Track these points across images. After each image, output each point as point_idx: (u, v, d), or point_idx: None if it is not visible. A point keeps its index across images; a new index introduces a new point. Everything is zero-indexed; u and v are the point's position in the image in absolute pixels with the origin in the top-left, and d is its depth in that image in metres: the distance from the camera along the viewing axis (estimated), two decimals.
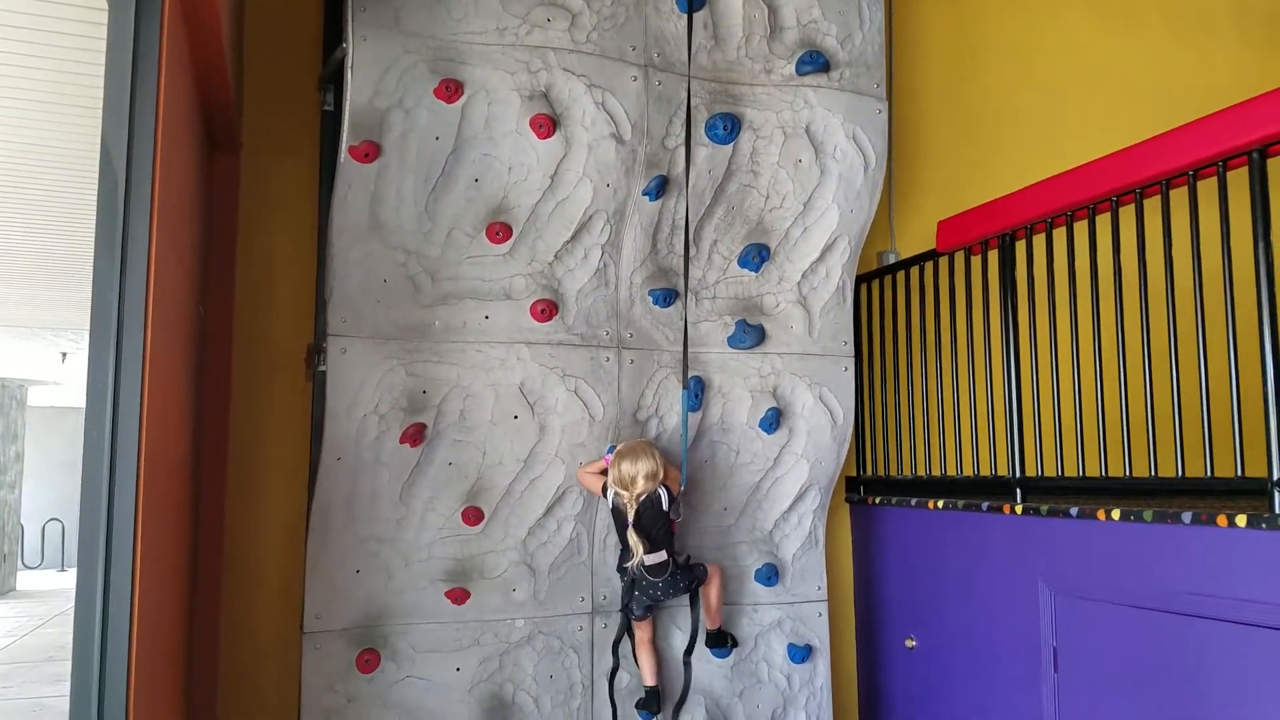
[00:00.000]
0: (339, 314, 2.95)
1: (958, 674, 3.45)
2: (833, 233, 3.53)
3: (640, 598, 3.15)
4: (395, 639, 3.03)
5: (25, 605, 11.69)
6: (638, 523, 3.04)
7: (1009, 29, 4.67)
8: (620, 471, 3.03)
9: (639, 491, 3.02)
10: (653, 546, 3.06)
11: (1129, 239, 2.80)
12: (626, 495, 3.03)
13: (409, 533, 3.05)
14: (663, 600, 3.21)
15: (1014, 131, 4.55)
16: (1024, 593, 3.08)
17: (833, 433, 3.57)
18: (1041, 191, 3.11)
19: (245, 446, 3.35)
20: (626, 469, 3.03)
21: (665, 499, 3.08)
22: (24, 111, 3.03)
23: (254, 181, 3.41)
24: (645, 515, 3.05)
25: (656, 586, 3.11)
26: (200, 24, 2.32)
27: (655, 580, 3.10)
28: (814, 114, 3.48)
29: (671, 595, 3.18)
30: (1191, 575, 2.50)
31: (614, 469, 3.05)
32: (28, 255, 4.96)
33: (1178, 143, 2.66)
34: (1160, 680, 2.59)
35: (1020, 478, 3.16)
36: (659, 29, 3.29)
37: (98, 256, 1.86)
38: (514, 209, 3.13)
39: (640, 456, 3.04)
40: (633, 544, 3.05)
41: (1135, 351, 2.74)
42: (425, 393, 3.04)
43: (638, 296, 3.33)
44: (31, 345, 8.90)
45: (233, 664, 3.27)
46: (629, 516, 3.04)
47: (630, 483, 3.02)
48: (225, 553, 3.30)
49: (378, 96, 2.91)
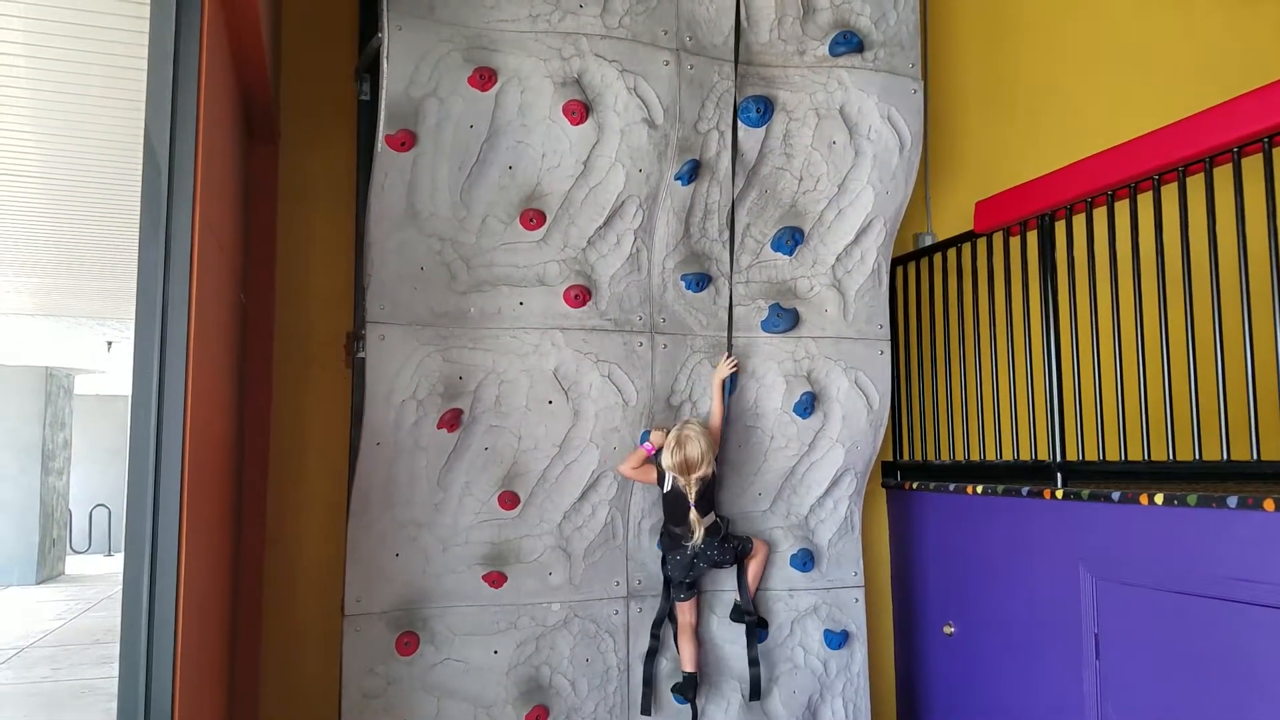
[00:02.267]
0: (377, 301, 2.99)
1: (997, 661, 3.42)
2: (867, 215, 3.50)
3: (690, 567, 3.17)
4: (434, 622, 3.07)
5: (74, 589, 12.02)
6: (699, 503, 3.10)
7: (1043, 5, 4.58)
8: (685, 457, 3.07)
9: (700, 474, 3.07)
10: (704, 512, 3.13)
11: (1171, 218, 2.74)
12: (687, 479, 3.08)
13: (447, 517, 3.09)
14: (710, 567, 3.23)
15: (1051, 110, 4.46)
16: (1065, 578, 3.04)
17: (868, 417, 3.54)
18: (1081, 170, 3.06)
19: (286, 432, 3.41)
20: (691, 455, 3.07)
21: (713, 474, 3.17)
22: (69, 104, 3.10)
23: (292, 172, 3.46)
24: (702, 496, 3.12)
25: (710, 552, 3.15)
26: (239, 17, 2.35)
27: (711, 541, 3.15)
28: (848, 95, 3.44)
29: (719, 563, 3.21)
30: (1236, 560, 2.46)
31: (672, 456, 3.08)
32: (72, 245, 5.07)
33: (1221, 119, 2.59)
34: (1203, 667, 2.55)
35: (1061, 462, 3.12)
36: (690, 13, 3.27)
37: (142, 246, 1.90)
38: (547, 195, 3.14)
39: (695, 440, 3.09)
40: (694, 524, 3.10)
41: (1178, 333, 2.69)
42: (461, 378, 3.07)
43: (670, 281, 3.33)
44: (77, 334, 9.10)
45: (275, 646, 3.34)
46: (691, 499, 3.09)
47: (694, 467, 3.07)
48: (268, 536, 3.36)
49: (413, 86, 2.92)
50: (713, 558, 3.19)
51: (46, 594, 11.59)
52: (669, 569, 3.24)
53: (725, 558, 3.22)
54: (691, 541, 3.13)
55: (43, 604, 10.77)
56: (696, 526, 3.10)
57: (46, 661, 7.80)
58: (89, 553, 15.88)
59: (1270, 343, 2.42)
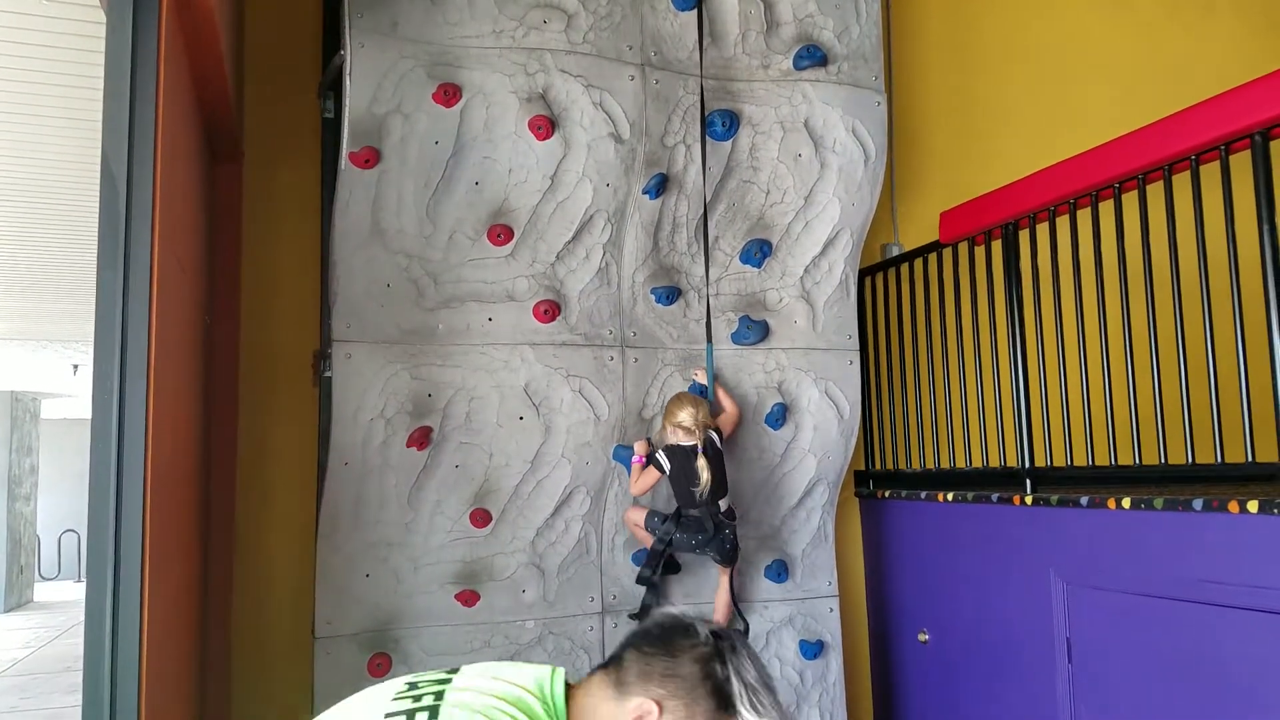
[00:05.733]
0: (343, 319, 2.96)
1: (971, 667, 3.44)
2: (834, 226, 3.52)
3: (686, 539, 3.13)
4: (406, 642, 3.04)
5: (43, 616, 11.78)
6: (705, 451, 3.10)
7: (1005, 17, 4.65)
8: (689, 414, 3.10)
9: (703, 423, 3.12)
10: (718, 488, 3.13)
11: (1132, 225, 2.78)
12: (693, 426, 3.10)
13: (418, 536, 3.06)
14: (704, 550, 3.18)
15: (1014, 120, 4.52)
16: (1036, 584, 3.06)
17: (839, 427, 3.56)
18: (1043, 180, 3.10)
19: (254, 453, 3.37)
20: (691, 410, 3.12)
21: (718, 438, 3.19)
22: (29, 125, 3.06)
23: (257, 190, 3.43)
24: (709, 451, 3.12)
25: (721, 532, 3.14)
26: (198, 35, 2.33)
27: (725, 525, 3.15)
28: (813, 108, 3.47)
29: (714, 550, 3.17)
30: (1204, 563, 2.49)
31: (674, 417, 3.12)
32: (36, 268, 5.00)
33: (1179, 127, 2.64)
34: (1174, 669, 2.57)
35: (1030, 468, 3.14)
36: (655, 28, 3.29)
37: (100, 268, 1.88)
38: (515, 211, 3.13)
39: (689, 398, 3.17)
40: (700, 469, 3.08)
41: (1142, 338, 2.73)
42: (430, 396, 3.05)
43: (640, 295, 3.33)
44: (43, 358, 8.96)
45: (245, 670, 3.29)
46: (699, 445, 3.09)
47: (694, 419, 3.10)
48: (236, 559, 3.31)
49: (376, 102, 2.91)
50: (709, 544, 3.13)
51: (14, 621, 11.35)
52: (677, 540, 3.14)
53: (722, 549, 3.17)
54: (699, 487, 3.07)
55: (11, 632, 10.55)
56: (703, 471, 3.07)
57: (15, 691, 7.63)
58: (58, 579, 15.57)
59: (1231, 346, 2.46)
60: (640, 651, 1.39)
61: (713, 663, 1.35)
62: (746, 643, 1.43)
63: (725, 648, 1.37)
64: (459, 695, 1.32)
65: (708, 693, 1.34)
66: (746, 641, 1.45)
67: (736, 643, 1.39)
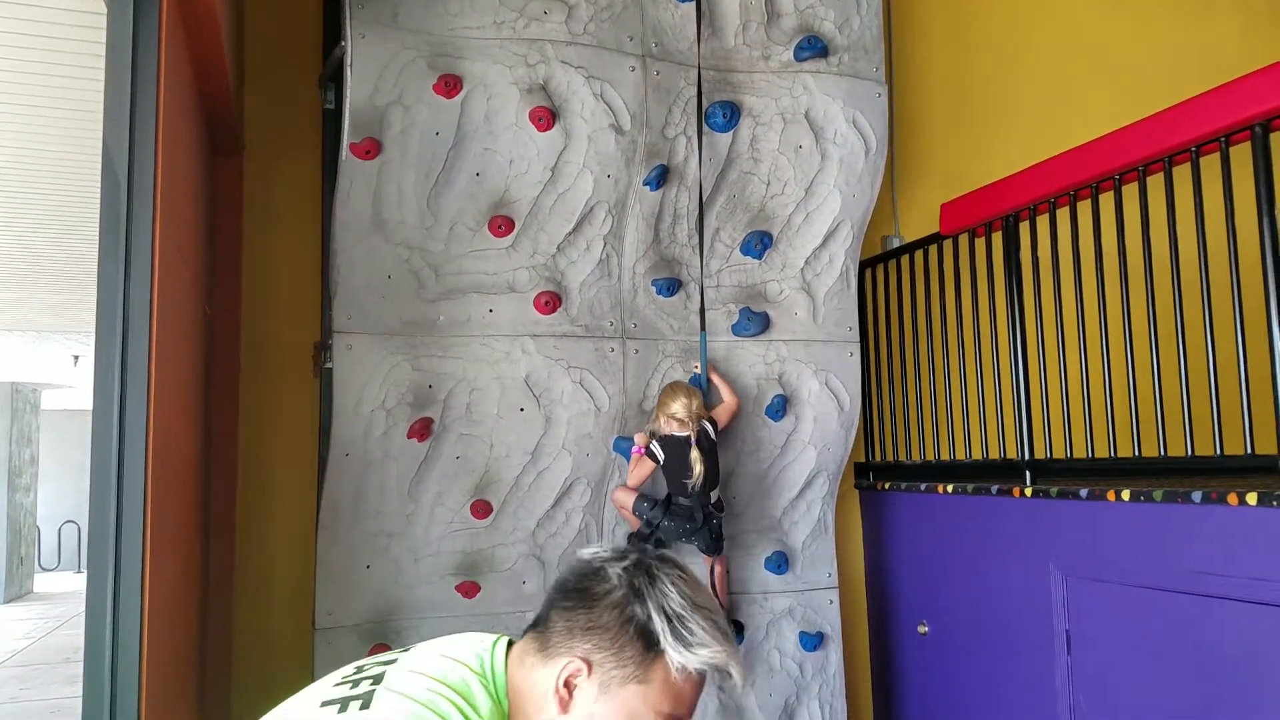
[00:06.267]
0: (344, 311, 2.96)
1: (970, 659, 3.45)
2: (835, 218, 3.52)
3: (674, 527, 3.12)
4: (407, 633, 3.05)
5: (43, 607, 11.81)
6: (699, 443, 3.10)
7: (1006, 9, 4.64)
8: (682, 405, 3.11)
9: (696, 411, 3.12)
10: (711, 479, 3.14)
11: (1133, 217, 2.78)
12: (686, 417, 3.10)
13: (418, 527, 3.07)
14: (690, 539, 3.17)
15: (1015, 111, 4.52)
16: (1035, 576, 3.07)
17: (840, 419, 3.56)
18: (1044, 171, 3.10)
19: (255, 444, 3.37)
20: (685, 400, 3.12)
21: (713, 430, 3.20)
22: (31, 116, 3.06)
23: (258, 182, 3.42)
24: (704, 443, 3.13)
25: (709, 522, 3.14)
26: (199, 27, 2.33)
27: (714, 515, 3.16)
28: (813, 100, 3.46)
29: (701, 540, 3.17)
30: (1203, 555, 2.49)
31: (667, 409, 3.13)
32: (37, 259, 5.00)
33: (1180, 119, 2.64)
34: (1173, 661, 2.58)
35: (1029, 460, 3.15)
36: (656, 19, 3.28)
37: (101, 260, 1.88)
38: (515, 202, 3.13)
39: (683, 389, 3.17)
40: (693, 461, 3.07)
41: (1141, 330, 2.73)
42: (431, 387, 3.05)
43: (641, 286, 3.33)
44: (43, 349, 8.96)
45: (246, 661, 3.29)
46: (692, 437, 3.09)
47: (687, 411, 3.10)
48: (237, 550, 3.32)
49: (377, 94, 2.91)
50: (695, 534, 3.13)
51: (15, 612, 11.38)
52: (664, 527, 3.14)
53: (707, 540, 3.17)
54: (692, 479, 3.08)
55: (11, 623, 10.57)
56: (696, 464, 3.07)
57: (15, 681, 7.65)
58: (58, 570, 15.61)
59: (1231, 338, 2.46)
60: (560, 608, 1.27)
61: (631, 604, 1.22)
62: (669, 565, 1.27)
63: (641, 583, 1.23)
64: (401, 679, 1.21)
65: (632, 637, 1.21)
66: (669, 563, 1.28)
67: (656, 570, 1.25)
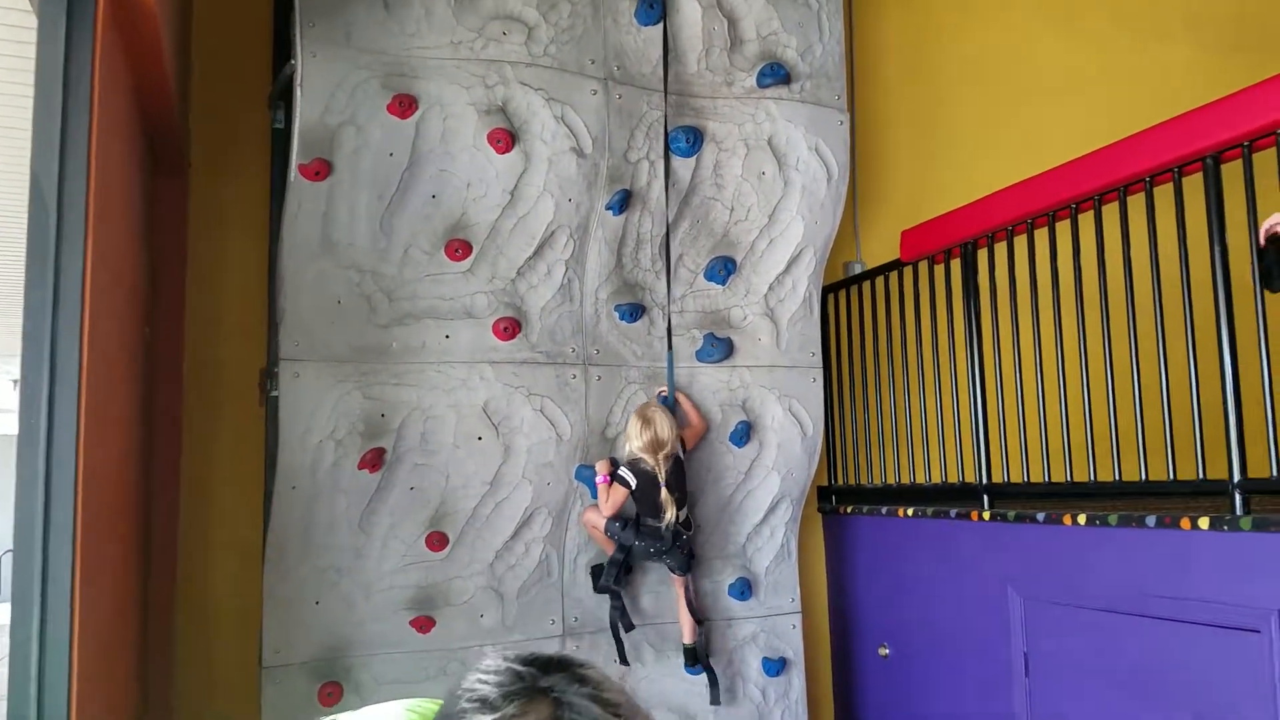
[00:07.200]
0: (291, 337, 2.87)
1: (930, 681, 3.43)
2: (798, 244, 3.51)
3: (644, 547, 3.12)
4: (358, 671, 2.94)
5: None
6: (669, 482, 3.07)
7: (965, 37, 4.70)
8: (655, 435, 3.07)
9: (667, 453, 3.07)
10: (680, 504, 3.12)
11: (1089, 245, 2.80)
12: (655, 459, 3.06)
13: (370, 561, 2.97)
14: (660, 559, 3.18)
15: (973, 138, 4.57)
16: (993, 598, 3.07)
17: (803, 444, 3.54)
18: (1002, 200, 3.12)
19: (199, 473, 3.25)
20: (661, 433, 3.07)
21: (681, 451, 3.18)
22: None
23: (203, 202, 3.32)
24: (673, 474, 3.10)
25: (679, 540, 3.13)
26: (139, 40, 2.24)
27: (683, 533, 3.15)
28: (776, 126, 3.46)
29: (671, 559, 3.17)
30: (1157, 578, 2.51)
31: (642, 435, 3.08)
32: None
33: (1134, 150, 2.68)
34: (1129, 682, 2.59)
35: (987, 484, 3.15)
36: (619, 42, 3.25)
37: (28, 285, 1.79)
38: (473, 225, 3.07)
39: (659, 418, 3.11)
40: (665, 503, 3.06)
41: (1097, 356, 2.75)
42: (384, 416, 2.96)
43: (604, 312, 3.28)
44: None
45: (189, 700, 3.16)
46: (661, 478, 3.06)
47: (664, 445, 3.06)
48: (179, 583, 3.19)
49: (328, 113, 2.84)
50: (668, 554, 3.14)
51: None
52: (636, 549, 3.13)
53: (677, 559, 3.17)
54: (664, 521, 3.08)
55: None
56: (669, 506, 3.06)
57: None
58: None
59: (1184, 364, 2.48)
60: None
61: None
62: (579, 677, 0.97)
63: None
64: None
65: None
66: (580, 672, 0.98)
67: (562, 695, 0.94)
